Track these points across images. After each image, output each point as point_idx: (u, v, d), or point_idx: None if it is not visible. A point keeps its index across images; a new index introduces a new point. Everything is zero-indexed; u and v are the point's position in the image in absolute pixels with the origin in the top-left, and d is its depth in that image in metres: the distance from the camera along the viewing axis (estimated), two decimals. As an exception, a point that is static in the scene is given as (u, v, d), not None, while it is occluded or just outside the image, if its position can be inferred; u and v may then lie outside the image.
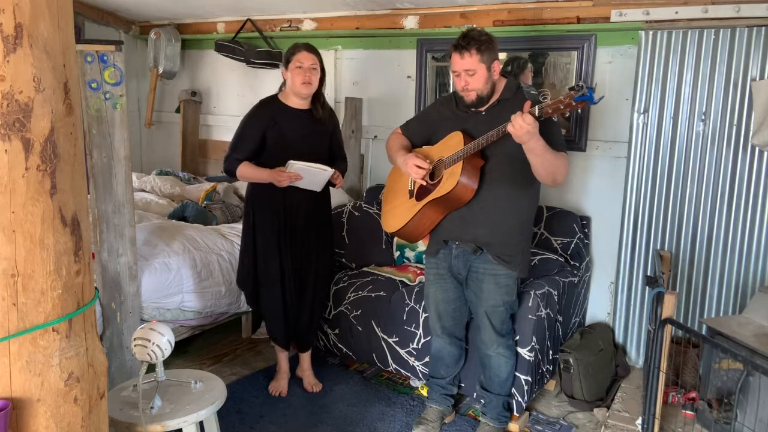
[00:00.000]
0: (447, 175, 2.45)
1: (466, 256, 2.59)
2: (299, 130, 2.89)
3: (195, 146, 5.30)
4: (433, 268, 2.73)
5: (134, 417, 1.94)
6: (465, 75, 2.41)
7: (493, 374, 2.72)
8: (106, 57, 2.61)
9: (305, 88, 2.82)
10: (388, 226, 2.75)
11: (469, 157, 2.39)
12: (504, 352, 2.67)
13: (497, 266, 2.53)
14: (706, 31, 3.03)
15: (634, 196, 3.32)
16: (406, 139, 2.74)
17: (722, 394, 2.50)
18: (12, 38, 1.17)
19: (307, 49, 2.81)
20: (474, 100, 2.46)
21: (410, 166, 2.53)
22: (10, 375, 1.24)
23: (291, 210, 2.93)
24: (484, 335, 2.66)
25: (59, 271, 1.28)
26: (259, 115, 2.90)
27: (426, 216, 2.57)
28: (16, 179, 1.20)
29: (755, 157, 3.01)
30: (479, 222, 2.50)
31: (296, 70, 2.80)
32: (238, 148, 2.88)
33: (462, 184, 2.39)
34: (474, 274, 2.59)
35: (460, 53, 2.39)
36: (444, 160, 2.48)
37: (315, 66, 2.82)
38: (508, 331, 2.69)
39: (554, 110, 2.11)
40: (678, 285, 3.26)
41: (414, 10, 3.83)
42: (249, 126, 2.89)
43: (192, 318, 3.31)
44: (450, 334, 2.78)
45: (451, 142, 2.49)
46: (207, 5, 4.48)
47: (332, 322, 3.34)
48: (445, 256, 2.66)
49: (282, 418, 2.92)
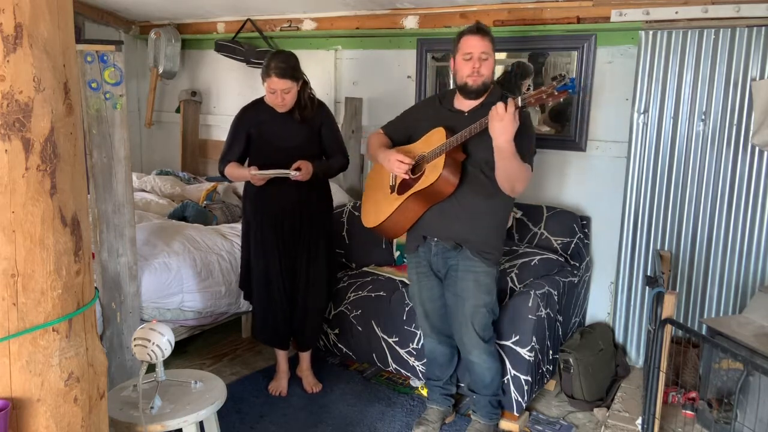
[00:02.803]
0: (429, 168, 2.46)
1: (446, 254, 2.59)
2: (281, 130, 2.93)
3: (195, 146, 5.30)
4: (414, 266, 2.73)
5: (134, 417, 1.94)
6: (478, 58, 2.41)
7: (477, 378, 2.73)
8: (106, 57, 2.61)
9: (280, 108, 2.88)
10: (368, 221, 2.74)
11: (451, 151, 2.40)
12: (486, 359, 2.66)
13: (477, 263, 2.53)
14: (706, 31, 3.03)
15: (634, 196, 3.32)
16: (386, 138, 2.74)
17: (722, 394, 2.50)
18: (12, 38, 1.17)
19: (279, 75, 2.76)
20: (479, 86, 2.45)
21: (393, 161, 2.52)
22: (10, 375, 1.24)
23: (283, 210, 2.95)
24: (466, 339, 2.64)
25: (59, 271, 1.28)
26: (243, 118, 2.99)
27: (407, 209, 2.57)
28: (16, 179, 1.20)
29: (755, 157, 3.00)
30: (459, 217, 2.51)
31: (269, 95, 2.84)
32: (228, 151, 3.02)
33: (444, 177, 2.40)
34: (453, 273, 2.59)
35: (480, 36, 2.42)
36: (426, 155, 2.50)
37: (287, 90, 2.81)
38: (490, 336, 2.67)
39: (537, 99, 2.19)
40: (678, 285, 3.26)
41: (414, 10, 3.83)
42: (235, 129, 3.00)
43: (192, 318, 3.31)
44: (439, 333, 2.77)
45: (434, 138, 2.50)
46: (207, 5, 4.48)
47: (332, 322, 3.34)
48: (425, 253, 2.65)
49: (282, 418, 2.92)
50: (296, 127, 2.93)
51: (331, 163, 3.02)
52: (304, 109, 2.93)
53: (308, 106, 2.94)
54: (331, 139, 3.04)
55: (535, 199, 3.61)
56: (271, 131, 2.93)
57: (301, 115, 2.92)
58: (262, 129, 2.93)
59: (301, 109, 2.92)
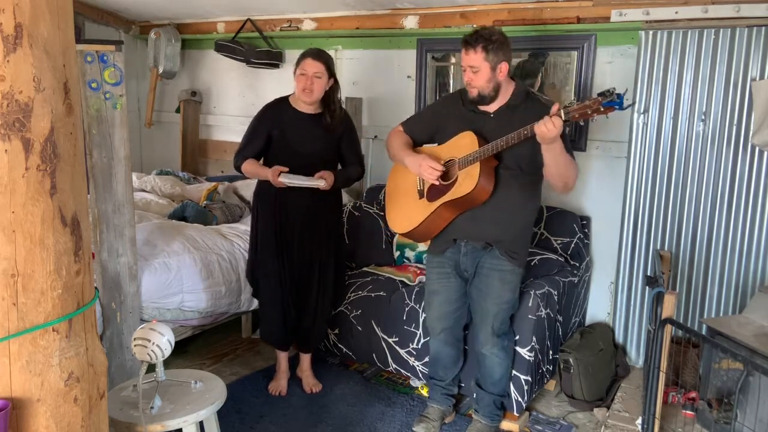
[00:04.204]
0: (463, 176, 2.44)
1: (476, 253, 2.60)
2: (303, 134, 2.90)
3: (195, 146, 5.29)
4: (436, 267, 2.72)
5: (134, 417, 1.94)
6: (469, 71, 2.43)
7: (486, 373, 2.74)
8: (106, 57, 2.60)
9: (305, 95, 2.83)
10: (399, 227, 2.72)
11: (485, 159, 2.39)
12: (499, 353, 2.68)
13: (505, 262, 2.55)
14: (706, 31, 3.03)
15: (634, 196, 3.32)
16: (407, 137, 2.72)
17: (722, 394, 2.50)
18: (12, 38, 1.17)
19: (313, 57, 2.80)
20: (475, 97, 2.47)
21: (424, 167, 2.50)
22: (10, 375, 1.24)
23: (291, 216, 2.94)
24: (481, 333, 2.67)
25: (59, 271, 1.28)
26: (265, 116, 2.96)
27: (440, 216, 2.56)
28: (16, 179, 1.20)
29: (755, 157, 3.00)
30: (491, 220, 2.51)
31: (300, 76, 2.82)
32: (246, 146, 2.97)
33: (481, 186, 2.39)
34: (481, 270, 2.60)
35: (466, 49, 2.42)
36: (456, 160, 2.48)
37: (319, 74, 2.80)
38: (505, 331, 2.69)
39: (581, 115, 2.11)
40: (678, 285, 3.26)
41: (414, 10, 3.83)
42: (257, 125, 2.96)
43: (192, 318, 3.31)
44: (448, 335, 2.78)
45: (462, 143, 2.48)
46: (207, 5, 4.48)
47: (332, 322, 3.33)
48: (452, 254, 2.65)
49: (282, 418, 2.92)
50: (319, 133, 2.91)
51: (350, 172, 3.01)
52: (333, 112, 2.91)
53: (336, 109, 2.92)
54: (351, 151, 3.02)
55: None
56: (293, 134, 2.90)
57: (330, 117, 2.89)
58: (285, 130, 2.90)
59: (330, 112, 2.90)
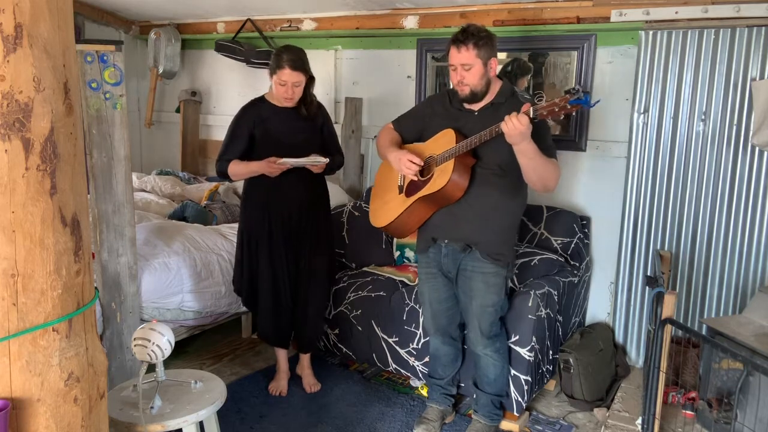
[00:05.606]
0: (438, 172, 2.45)
1: (456, 255, 2.59)
2: (287, 126, 2.93)
3: (195, 146, 5.30)
4: (424, 266, 2.73)
5: (134, 417, 1.94)
6: (461, 69, 2.41)
7: (481, 373, 2.74)
8: (106, 57, 2.60)
9: (287, 102, 2.88)
10: (377, 221, 2.75)
11: (460, 155, 2.39)
12: (491, 354, 2.67)
13: (487, 264, 2.53)
14: (706, 31, 3.03)
15: (634, 196, 3.32)
16: (397, 135, 2.73)
17: (722, 394, 2.50)
18: (12, 38, 1.17)
19: (292, 67, 2.78)
20: (467, 95, 2.46)
21: (403, 161, 2.51)
22: (10, 375, 1.24)
23: (283, 205, 2.95)
24: (471, 334, 2.68)
25: (59, 271, 1.28)
26: (245, 116, 2.97)
27: (415, 212, 2.57)
28: (16, 179, 1.20)
29: (755, 157, 3.00)
30: (468, 219, 2.50)
31: (278, 86, 2.83)
32: (228, 150, 2.96)
33: (453, 182, 2.39)
34: (463, 272, 2.59)
35: (457, 47, 2.40)
36: (435, 157, 2.49)
37: (298, 84, 2.83)
38: (496, 333, 2.68)
39: (549, 112, 2.13)
40: (678, 285, 3.26)
41: (414, 10, 3.83)
42: (236, 127, 2.97)
43: (192, 318, 3.31)
44: (444, 333, 2.78)
45: (443, 140, 2.49)
46: (207, 5, 4.48)
47: (332, 322, 3.34)
48: (435, 254, 2.66)
49: (282, 418, 2.92)
50: (301, 124, 2.95)
51: (335, 160, 3.04)
52: (310, 105, 2.95)
53: (313, 101, 2.98)
54: (332, 140, 3.08)
55: (534, 199, 3.60)
56: (277, 128, 2.93)
57: (307, 110, 2.94)
58: (267, 127, 2.92)
59: (306, 104, 2.94)
